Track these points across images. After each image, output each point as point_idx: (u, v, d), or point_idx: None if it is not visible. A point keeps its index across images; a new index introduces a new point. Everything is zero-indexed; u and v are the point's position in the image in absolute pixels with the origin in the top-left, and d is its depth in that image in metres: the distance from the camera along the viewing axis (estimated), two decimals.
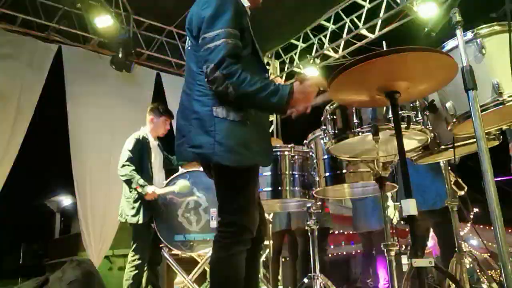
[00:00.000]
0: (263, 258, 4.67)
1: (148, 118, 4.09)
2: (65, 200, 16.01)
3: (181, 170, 3.97)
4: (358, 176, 2.60)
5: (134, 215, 3.76)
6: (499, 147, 2.37)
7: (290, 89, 1.79)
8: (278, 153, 2.93)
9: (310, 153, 2.85)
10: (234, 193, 1.89)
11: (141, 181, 3.72)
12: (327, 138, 2.27)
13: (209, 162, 1.88)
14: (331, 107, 2.26)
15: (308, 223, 3.01)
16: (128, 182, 3.77)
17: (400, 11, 5.99)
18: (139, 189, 3.71)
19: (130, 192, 3.82)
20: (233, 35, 1.83)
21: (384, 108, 2.05)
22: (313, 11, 6.61)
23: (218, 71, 1.76)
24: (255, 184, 1.97)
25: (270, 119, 8.03)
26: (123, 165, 3.80)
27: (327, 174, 2.66)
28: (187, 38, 2.04)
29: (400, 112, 1.95)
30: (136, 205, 3.78)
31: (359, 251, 4.71)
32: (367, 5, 6.30)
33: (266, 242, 4.71)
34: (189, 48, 2.02)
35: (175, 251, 3.87)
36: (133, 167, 3.78)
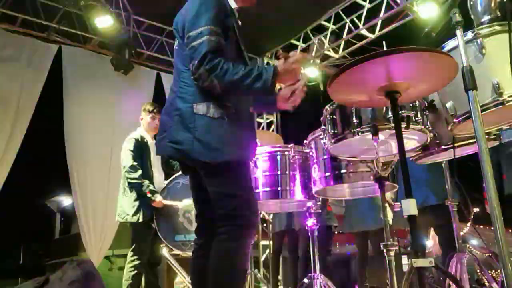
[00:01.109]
0: (263, 258, 4.67)
1: (140, 118, 4.14)
2: (65, 200, 16.00)
3: None
4: (358, 176, 2.60)
5: (134, 214, 3.76)
6: None
7: (274, 70, 1.86)
8: (278, 153, 2.93)
9: (310, 153, 2.84)
10: (231, 189, 1.90)
11: (151, 187, 3.75)
12: (327, 138, 2.27)
13: (187, 158, 1.92)
14: (331, 107, 2.26)
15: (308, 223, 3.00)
16: (138, 186, 3.77)
17: (400, 11, 5.99)
18: (149, 195, 3.74)
19: (131, 192, 3.82)
20: (216, 32, 1.89)
21: (384, 108, 2.05)
22: (313, 11, 6.62)
23: (202, 67, 1.83)
24: (247, 177, 2.00)
25: (270, 119, 8.03)
26: (131, 167, 3.79)
27: (327, 174, 2.66)
28: (176, 38, 2.12)
29: (400, 112, 1.95)
30: (136, 203, 3.78)
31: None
32: (367, 5, 6.30)
33: (266, 242, 4.71)
34: (176, 47, 2.11)
35: (176, 251, 3.87)
36: (141, 171, 3.79)
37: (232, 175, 1.92)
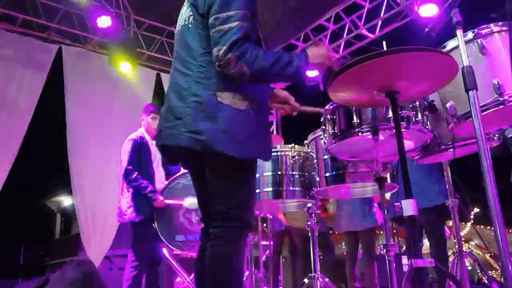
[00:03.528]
0: (263, 258, 4.67)
1: (141, 118, 4.13)
2: (66, 200, 16.01)
3: (183, 170, 3.97)
4: (358, 176, 2.60)
5: (132, 214, 3.76)
6: None
7: (305, 56, 1.78)
8: (279, 153, 2.92)
9: (311, 153, 2.85)
10: (238, 186, 1.81)
11: (149, 188, 3.75)
12: (327, 138, 2.27)
13: (208, 150, 1.74)
14: (331, 107, 2.26)
15: (308, 223, 3.00)
16: (137, 187, 3.78)
17: (401, 11, 5.99)
18: (150, 195, 3.73)
19: (128, 191, 3.82)
20: (248, 17, 1.76)
21: (384, 108, 2.05)
22: (314, 11, 6.62)
23: (231, 53, 1.69)
24: (255, 178, 1.93)
25: (270, 119, 8.03)
26: (127, 170, 3.80)
27: (328, 174, 2.66)
28: (188, 15, 1.93)
29: (400, 112, 1.95)
30: (134, 203, 3.78)
31: (359, 251, 4.70)
32: (367, 5, 6.31)
33: (266, 242, 4.71)
34: (189, 25, 1.90)
35: (176, 251, 3.87)
36: (137, 173, 3.79)
37: (244, 173, 1.82)
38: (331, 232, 6.09)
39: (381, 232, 4.82)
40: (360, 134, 2.09)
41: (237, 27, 1.72)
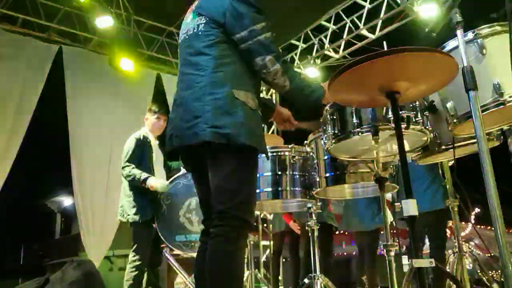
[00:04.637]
0: (263, 258, 4.68)
1: (144, 118, 4.12)
2: (66, 201, 16.01)
3: (183, 170, 3.97)
4: (359, 177, 2.59)
5: (135, 214, 3.75)
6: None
7: (322, 89, 1.99)
8: (279, 154, 2.92)
9: (311, 154, 2.84)
10: (240, 186, 1.84)
11: (143, 176, 3.70)
12: (327, 138, 2.26)
13: (231, 142, 1.81)
14: (331, 107, 2.26)
15: (309, 223, 3.00)
16: (132, 182, 3.77)
17: (401, 11, 5.99)
18: (146, 186, 3.71)
19: (130, 190, 3.82)
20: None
21: (384, 108, 2.05)
22: (314, 11, 6.62)
23: (277, 63, 1.87)
24: (256, 178, 2.01)
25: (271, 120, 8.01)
26: (124, 167, 3.80)
27: (328, 174, 2.66)
28: (196, 23, 2.01)
29: (400, 112, 1.95)
30: (136, 203, 3.77)
31: None
32: (367, 6, 6.31)
33: (266, 242, 4.71)
34: (199, 33, 1.99)
35: (176, 251, 3.87)
36: (133, 166, 3.78)
37: (248, 172, 1.88)
38: None
39: (381, 232, 4.82)
40: (360, 134, 2.09)
41: (271, 37, 1.91)
